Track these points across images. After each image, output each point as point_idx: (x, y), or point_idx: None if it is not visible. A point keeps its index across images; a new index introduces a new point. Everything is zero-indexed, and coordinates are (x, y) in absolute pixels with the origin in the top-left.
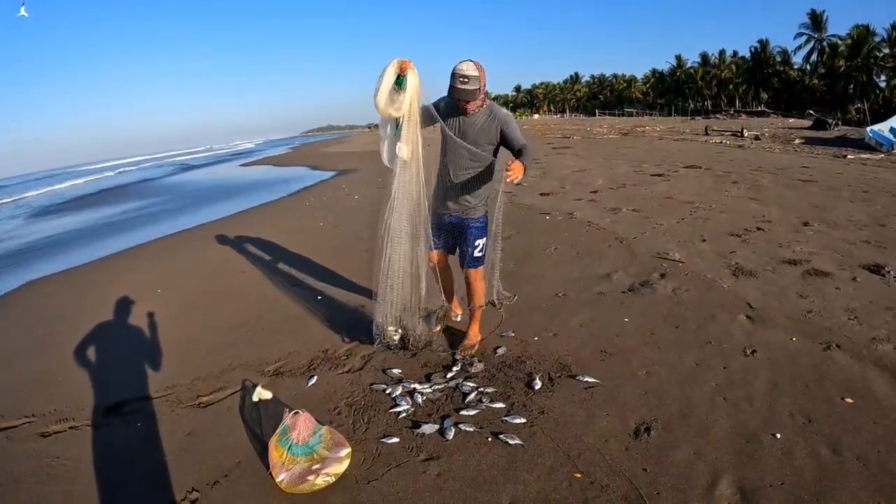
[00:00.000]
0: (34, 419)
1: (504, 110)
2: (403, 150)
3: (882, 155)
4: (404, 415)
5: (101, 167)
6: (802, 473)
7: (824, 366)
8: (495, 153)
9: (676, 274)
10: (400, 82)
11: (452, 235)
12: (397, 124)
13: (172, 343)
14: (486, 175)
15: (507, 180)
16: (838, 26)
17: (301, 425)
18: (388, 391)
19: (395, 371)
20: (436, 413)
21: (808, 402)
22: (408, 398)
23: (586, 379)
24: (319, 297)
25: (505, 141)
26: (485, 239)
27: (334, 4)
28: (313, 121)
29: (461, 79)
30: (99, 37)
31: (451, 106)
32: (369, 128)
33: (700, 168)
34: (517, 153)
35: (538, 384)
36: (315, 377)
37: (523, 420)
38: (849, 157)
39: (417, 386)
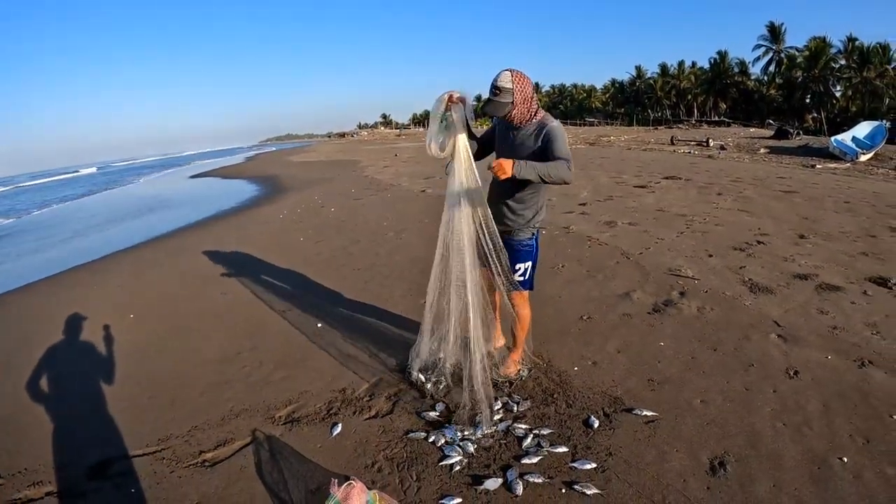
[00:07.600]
0: (2, 480)
1: (555, 124)
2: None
3: (847, 164)
4: (458, 468)
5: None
6: (877, 497)
7: (864, 384)
8: None
9: (695, 292)
10: (445, 119)
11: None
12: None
13: (156, 380)
14: (533, 195)
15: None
16: (796, 38)
17: (355, 498)
18: (430, 439)
19: (432, 414)
20: (493, 463)
21: (861, 422)
22: (456, 447)
23: (644, 413)
24: (320, 325)
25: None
26: (528, 263)
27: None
28: (272, 129)
29: (493, 90)
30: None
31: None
32: (329, 136)
33: (680, 179)
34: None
35: (595, 422)
36: (339, 425)
37: (593, 465)
38: (817, 166)
39: (463, 432)
